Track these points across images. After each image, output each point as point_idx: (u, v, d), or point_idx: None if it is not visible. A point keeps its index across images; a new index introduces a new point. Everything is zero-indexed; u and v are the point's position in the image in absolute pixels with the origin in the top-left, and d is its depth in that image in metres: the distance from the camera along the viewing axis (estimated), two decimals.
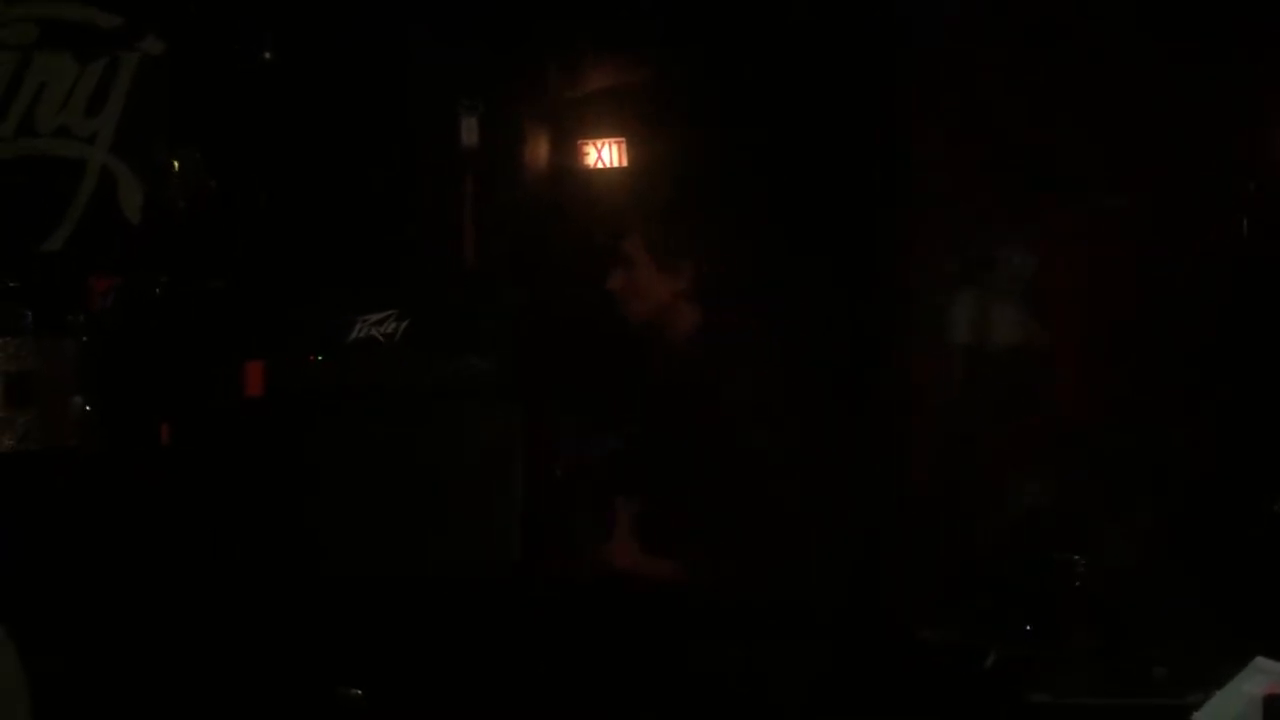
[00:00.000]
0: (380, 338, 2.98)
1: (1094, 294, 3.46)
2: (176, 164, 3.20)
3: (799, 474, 2.43)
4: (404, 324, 2.97)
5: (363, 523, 2.80)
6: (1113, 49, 3.40)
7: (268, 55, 3.26)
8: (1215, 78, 3.34)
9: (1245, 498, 3.08)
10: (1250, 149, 3.39)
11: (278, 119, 3.32)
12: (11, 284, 2.98)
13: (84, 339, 2.95)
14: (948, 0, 3.46)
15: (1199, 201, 3.38)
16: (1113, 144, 3.42)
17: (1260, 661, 1.93)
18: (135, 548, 2.92)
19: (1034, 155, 3.44)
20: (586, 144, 3.61)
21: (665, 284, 2.56)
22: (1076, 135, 3.43)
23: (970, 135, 3.47)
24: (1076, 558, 2.95)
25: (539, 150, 3.68)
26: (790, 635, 2.43)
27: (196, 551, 2.91)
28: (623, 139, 3.58)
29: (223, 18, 3.33)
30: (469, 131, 3.21)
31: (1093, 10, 3.40)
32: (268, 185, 3.32)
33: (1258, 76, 3.35)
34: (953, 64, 3.47)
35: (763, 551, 2.37)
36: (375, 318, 3.01)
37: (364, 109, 3.43)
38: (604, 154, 3.59)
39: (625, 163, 3.59)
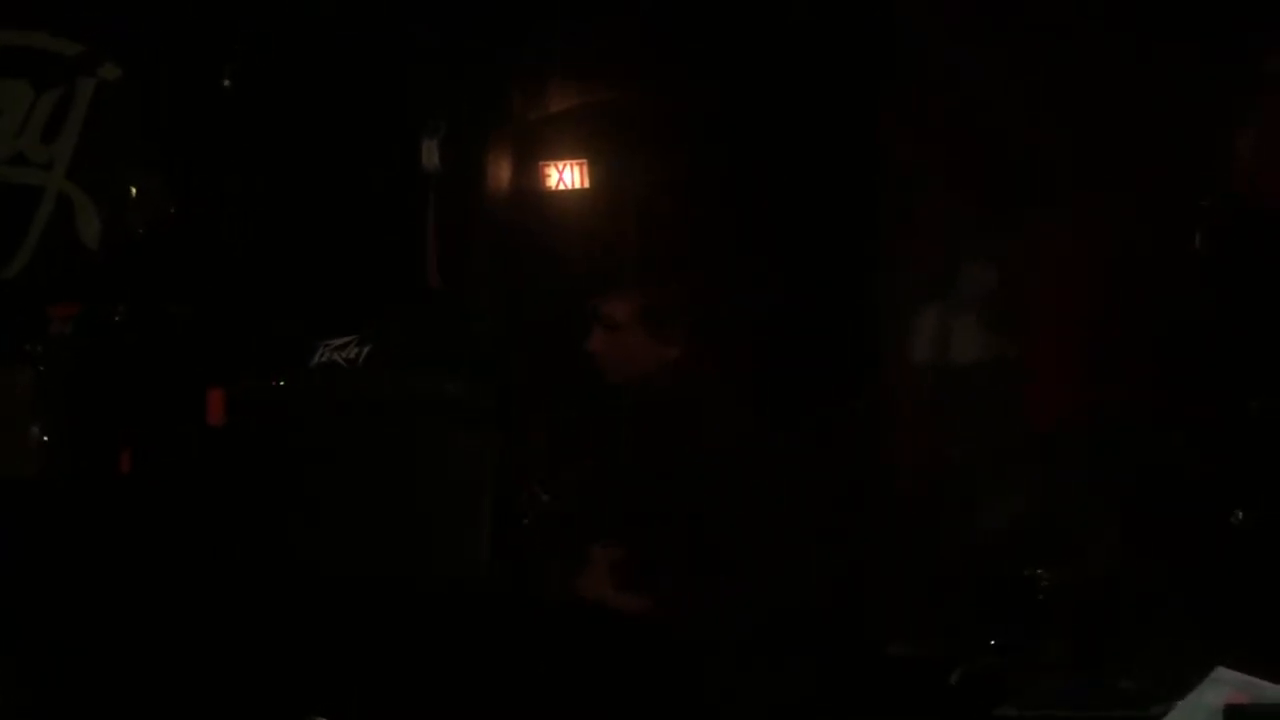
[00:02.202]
0: (342, 363, 2.97)
1: (1071, 304, 3.48)
2: (135, 190, 3.19)
3: (775, 490, 2.40)
4: (365, 349, 2.96)
5: (331, 551, 2.79)
6: (1093, 57, 3.44)
7: (227, 82, 3.25)
8: (1192, 87, 3.37)
9: (1215, 509, 3.09)
10: (1222, 158, 3.42)
11: (239, 144, 3.31)
12: None
13: (42, 368, 2.92)
14: (930, 16, 3.49)
15: (1175, 210, 3.41)
16: (1092, 153, 3.44)
17: (1221, 672, 1.93)
18: (96, 576, 2.89)
19: (1013, 165, 3.46)
20: (549, 165, 3.61)
21: (656, 349, 2.32)
22: (1056, 144, 3.45)
23: (952, 147, 3.49)
24: (1040, 572, 2.95)
25: (503, 171, 3.68)
26: (769, 661, 2.39)
27: (159, 578, 2.88)
28: (585, 160, 3.58)
29: (181, 44, 3.32)
30: (430, 153, 3.21)
31: (1072, 21, 3.44)
32: (229, 210, 3.30)
33: (1233, 87, 3.39)
34: (933, 77, 3.50)
35: (741, 574, 2.32)
36: (337, 343, 3.00)
37: (327, 132, 3.42)
38: (566, 175, 3.59)
39: (588, 184, 3.58)
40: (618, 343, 2.39)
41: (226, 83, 3.22)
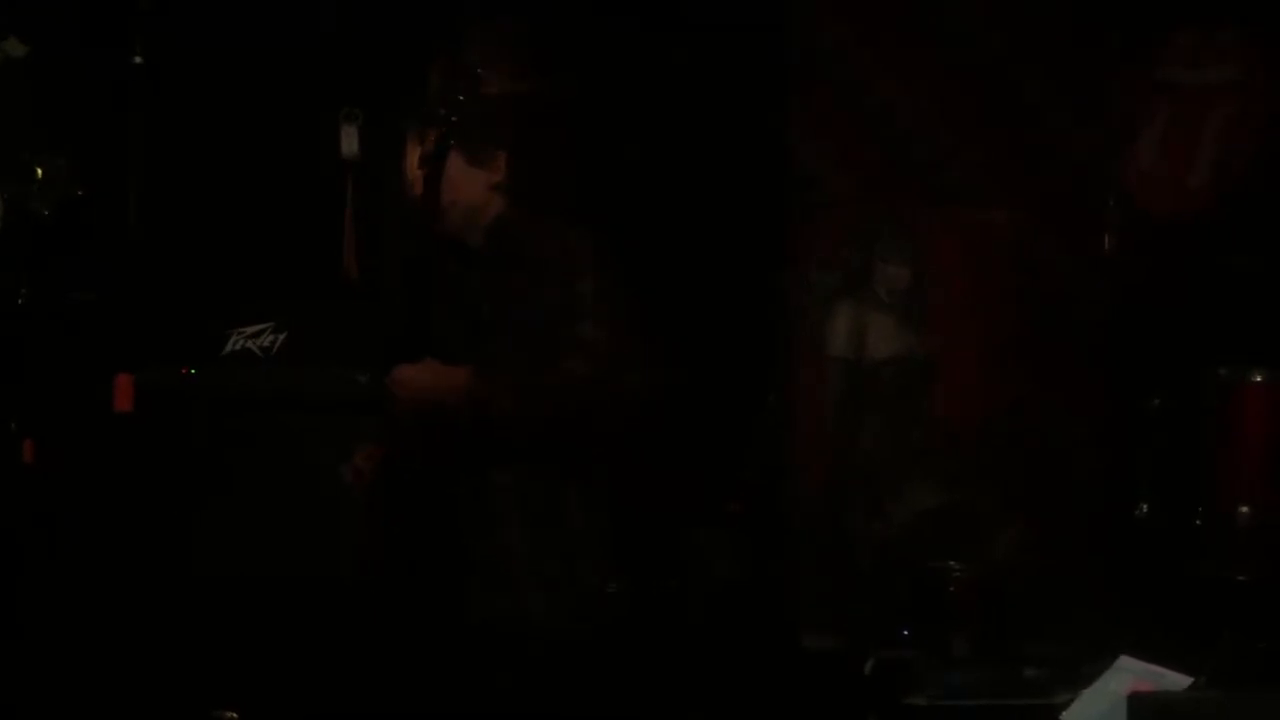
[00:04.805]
0: (256, 350, 2.93)
1: (976, 304, 3.56)
2: (40, 170, 3.10)
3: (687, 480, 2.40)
4: (280, 336, 2.92)
5: (233, 537, 2.75)
6: (997, 64, 3.51)
7: (138, 59, 3.17)
8: (1090, 96, 3.47)
9: (1117, 504, 3.19)
10: (1120, 162, 3.52)
11: (150, 125, 3.23)
12: None
13: None
14: (835, 13, 3.53)
15: (1076, 214, 3.50)
16: (997, 158, 3.52)
17: (1124, 661, 1.99)
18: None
19: (920, 167, 3.52)
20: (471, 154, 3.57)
21: (474, 174, 2.32)
22: (961, 149, 3.52)
23: (858, 146, 3.54)
24: (952, 564, 3.01)
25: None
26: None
27: (62, 571, 2.82)
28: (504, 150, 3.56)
29: (91, 20, 3.23)
30: (348, 140, 3.16)
31: (977, 28, 3.51)
32: (138, 193, 3.22)
33: (1130, 93, 3.48)
34: (842, 76, 3.54)
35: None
36: (252, 330, 2.95)
37: (241, 116, 3.36)
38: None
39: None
40: (435, 174, 2.35)
41: (138, 59, 3.14)
